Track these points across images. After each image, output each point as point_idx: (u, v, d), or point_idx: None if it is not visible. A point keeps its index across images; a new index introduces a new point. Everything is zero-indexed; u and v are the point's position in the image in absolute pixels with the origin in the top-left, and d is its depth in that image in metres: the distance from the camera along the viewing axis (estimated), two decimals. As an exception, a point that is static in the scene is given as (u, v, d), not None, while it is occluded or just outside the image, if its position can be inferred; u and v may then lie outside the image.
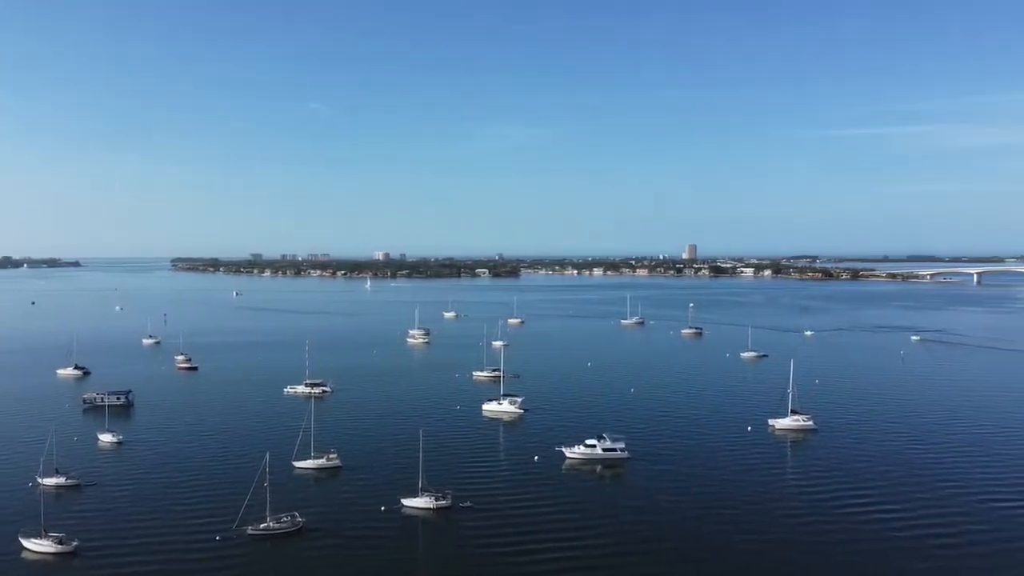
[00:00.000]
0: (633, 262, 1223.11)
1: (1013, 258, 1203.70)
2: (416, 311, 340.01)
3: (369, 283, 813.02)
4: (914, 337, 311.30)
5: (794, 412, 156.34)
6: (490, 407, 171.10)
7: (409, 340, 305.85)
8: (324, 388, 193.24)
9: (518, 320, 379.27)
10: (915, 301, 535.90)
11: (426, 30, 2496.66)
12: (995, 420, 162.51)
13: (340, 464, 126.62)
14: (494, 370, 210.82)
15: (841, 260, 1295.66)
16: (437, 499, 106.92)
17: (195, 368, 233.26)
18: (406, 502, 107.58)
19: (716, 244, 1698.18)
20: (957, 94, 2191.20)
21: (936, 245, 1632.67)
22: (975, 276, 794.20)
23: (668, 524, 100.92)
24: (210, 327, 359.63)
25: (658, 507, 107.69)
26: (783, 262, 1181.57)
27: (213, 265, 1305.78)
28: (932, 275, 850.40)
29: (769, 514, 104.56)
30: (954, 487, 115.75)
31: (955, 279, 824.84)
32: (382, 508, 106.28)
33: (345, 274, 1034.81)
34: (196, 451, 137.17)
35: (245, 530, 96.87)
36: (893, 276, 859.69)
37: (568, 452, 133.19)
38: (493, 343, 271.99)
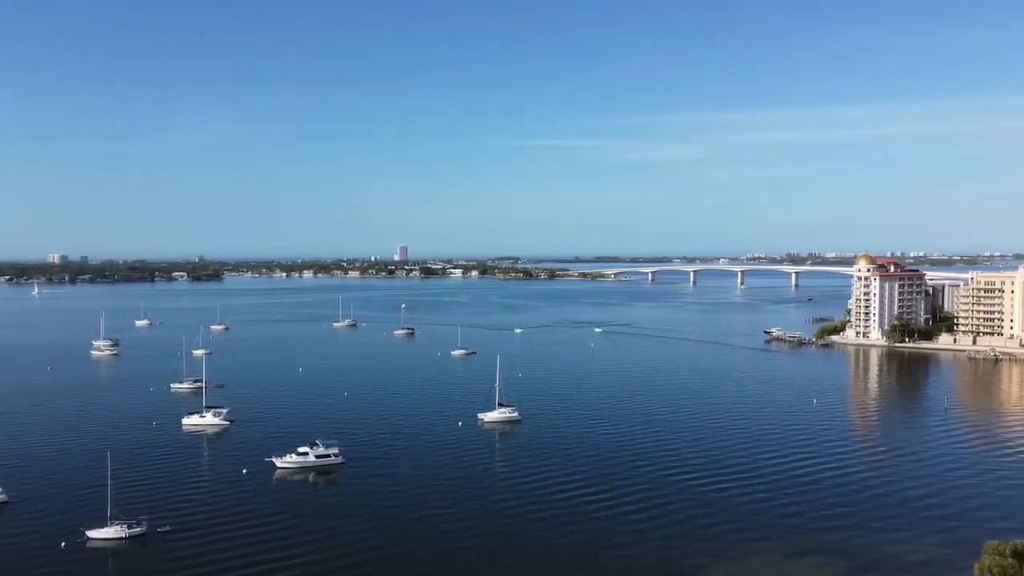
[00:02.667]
0: (345, 264, 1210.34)
1: (678, 258, 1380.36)
2: (101, 319, 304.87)
3: (37, 289, 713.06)
4: (597, 330, 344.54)
5: (501, 405, 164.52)
6: (191, 421, 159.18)
7: (93, 352, 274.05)
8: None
9: (222, 326, 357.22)
10: (602, 298, 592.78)
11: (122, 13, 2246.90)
12: (668, 401, 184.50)
13: (6, 499, 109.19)
14: (195, 381, 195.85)
15: (539, 261, 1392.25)
16: (130, 527, 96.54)
17: None
18: (92, 535, 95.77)
19: (426, 246, 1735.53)
20: (625, 113, 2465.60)
21: (618, 247, 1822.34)
22: (649, 275, 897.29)
23: (388, 527, 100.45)
24: None
25: (377, 511, 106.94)
26: (489, 263, 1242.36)
27: None
28: (616, 274, 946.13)
29: (487, 507, 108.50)
30: (642, 465, 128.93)
31: (634, 278, 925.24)
32: (62, 545, 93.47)
33: (10, 279, 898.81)
34: None
35: None
36: (584, 275, 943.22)
37: (279, 462, 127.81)
38: (194, 352, 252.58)
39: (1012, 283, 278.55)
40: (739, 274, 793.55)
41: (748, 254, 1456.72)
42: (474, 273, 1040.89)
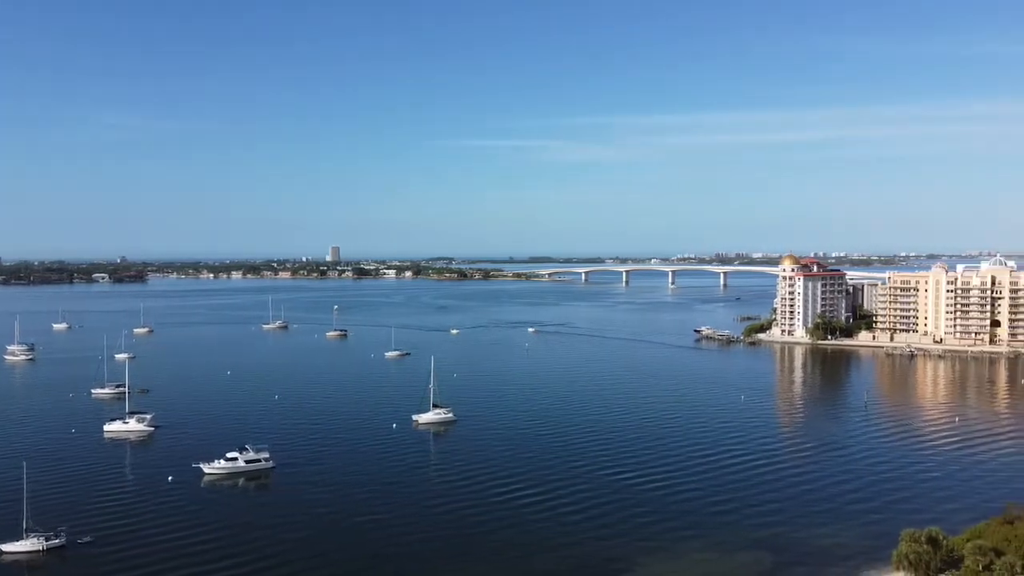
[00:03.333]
0: (275, 264, 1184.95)
1: (611, 259, 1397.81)
2: (16, 323, 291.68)
3: None
4: (530, 330, 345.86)
5: (436, 406, 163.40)
6: (113, 427, 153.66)
7: (7, 357, 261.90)
8: None
9: (145, 329, 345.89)
10: (537, 298, 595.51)
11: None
12: (603, 400, 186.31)
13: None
14: (118, 386, 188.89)
15: (474, 261, 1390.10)
16: (48, 539, 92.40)
17: None
18: (6, 548, 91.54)
19: (359, 246, 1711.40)
20: (556, 115, 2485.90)
21: (552, 248, 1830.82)
22: (583, 275, 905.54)
23: (322, 534, 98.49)
24: None
25: (310, 516, 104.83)
26: (423, 263, 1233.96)
27: None
28: (550, 274, 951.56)
29: (422, 510, 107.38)
30: (578, 464, 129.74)
31: (568, 278, 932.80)
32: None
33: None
34: None
35: None
36: (519, 276, 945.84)
37: (207, 468, 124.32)
38: (116, 356, 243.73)
39: (926, 282, 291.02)
40: (670, 274, 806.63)
41: (679, 254, 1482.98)
42: (408, 274, 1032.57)
